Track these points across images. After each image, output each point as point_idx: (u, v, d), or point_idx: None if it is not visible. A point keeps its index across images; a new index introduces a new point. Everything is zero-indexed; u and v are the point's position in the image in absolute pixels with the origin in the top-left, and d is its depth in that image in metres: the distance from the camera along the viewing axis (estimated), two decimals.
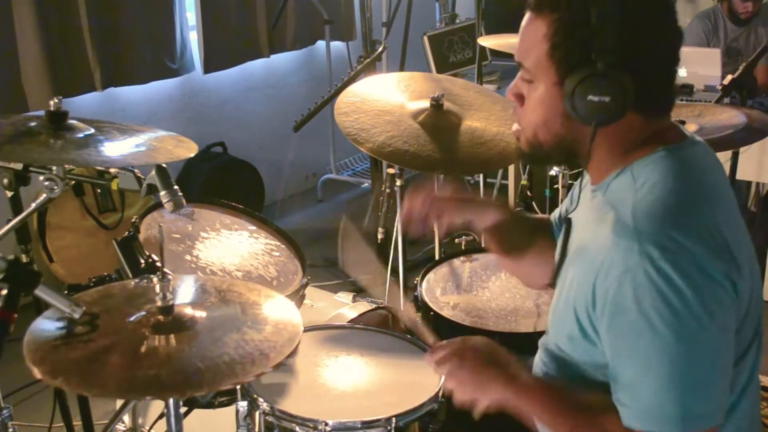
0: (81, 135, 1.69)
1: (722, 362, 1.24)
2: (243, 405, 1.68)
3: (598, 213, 1.33)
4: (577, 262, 1.35)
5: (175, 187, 1.64)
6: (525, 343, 1.98)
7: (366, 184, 5.14)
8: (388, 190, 2.61)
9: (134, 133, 1.80)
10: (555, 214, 1.68)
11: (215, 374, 1.35)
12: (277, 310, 1.59)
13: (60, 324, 1.46)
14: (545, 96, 1.32)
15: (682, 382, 1.20)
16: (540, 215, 1.82)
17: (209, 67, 4.43)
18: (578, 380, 1.39)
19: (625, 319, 1.21)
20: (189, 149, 1.78)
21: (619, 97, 1.25)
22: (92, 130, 1.72)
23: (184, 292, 1.61)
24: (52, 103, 1.69)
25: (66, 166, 1.63)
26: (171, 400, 1.51)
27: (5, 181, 1.78)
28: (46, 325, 1.47)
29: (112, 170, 1.73)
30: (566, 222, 1.49)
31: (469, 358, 1.43)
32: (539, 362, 1.52)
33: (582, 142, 1.32)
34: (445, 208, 1.62)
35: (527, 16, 1.33)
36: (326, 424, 1.57)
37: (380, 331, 1.98)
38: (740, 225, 1.32)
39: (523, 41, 1.33)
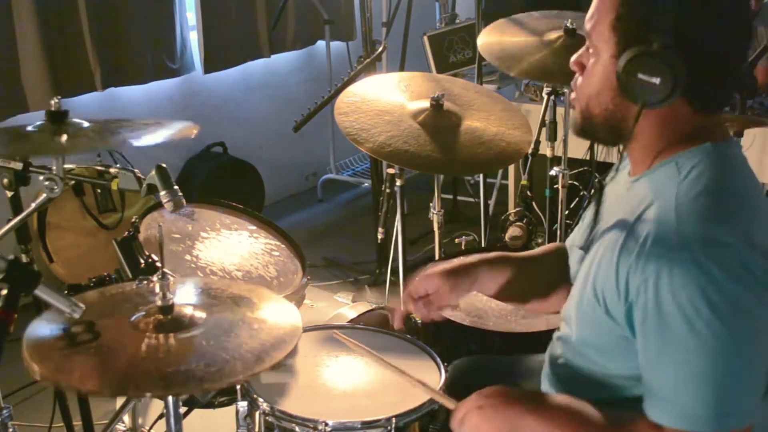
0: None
1: (757, 360, 1.22)
2: (243, 405, 1.68)
3: (635, 202, 1.31)
4: (610, 250, 1.31)
5: (175, 187, 1.64)
6: (525, 343, 1.98)
7: (366, 184, 5.14)
8: (388, 190, 2.61)
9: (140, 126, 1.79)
10: (569, 240, 1.64)
11: (219, 372, 1.36)
12: (274, 308, 1.59)
13: (60, 324, 1.47)
14: (602, 67, 1.32)
15: (717, 380, 1.18)
16: (542, 248, 1.76)
17: (209, 67, 4.42)
18: (600, 372, 1.38)
19: (661, 313, 1.19)
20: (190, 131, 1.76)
21: (668, 80, 1.23)
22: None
23: (181, 293, 1.62)
24: (52, 102, 1.69)
25: (66, 166, 1.63)
26: (171, 400, 1.51)
27: (5, 181, 1.78)
28: (46, 325, 1.47)
29: (112, 170, 1.72)
30: (600, 189, 1.47)
31: (485, 407, 1.40)
32: (556, 354, 1.51)
33: (628, 121, 1.31)
34: (440, 290, 1.57)
35: None
36: (326, 424, 1.57)
37: (380, 331, 1.98)
38: None
39: (595, 8, 1.33)
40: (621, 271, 1.25)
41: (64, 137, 1.61)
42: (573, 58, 1.39)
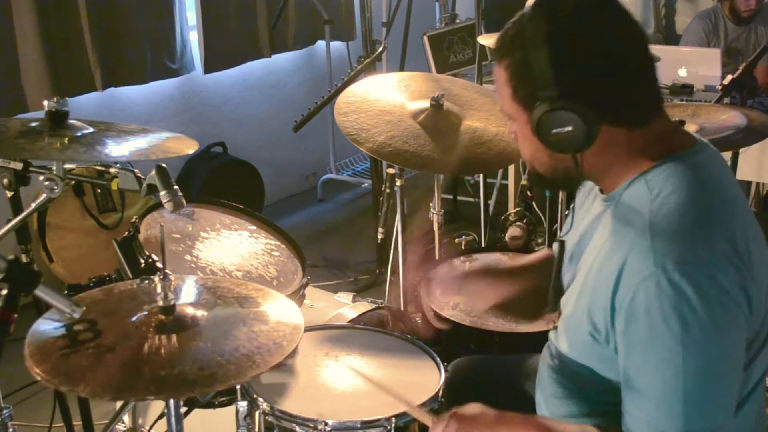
0: (80, 134, 1.69)
1: (729, 377, 1.23)
2: (243, 405, 1.68)
3: (614, 222, 1.33)
4: (594, 273, 1.34)
5: (175, 187, 1.64)
6: (525, 343, 1.98)
7: (366, 184, 5.14)
8: (388, 190, 2.61)
9: (136, 134, 1.80)
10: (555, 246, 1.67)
11: (220, 373, 1.36)
12: (276, 307, 1.60)
13: (61, 325, 1.47)
14: (525, 134, 1.36)
15: (687, 396, 1.20)
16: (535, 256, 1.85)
17: (209, 67, 4.43)
18: (588, 379, 1.39)
19: (637, 328, 1.22)
20: (189, 147, 1.78)
21: (579, 124, 1.25)
22: (92, 129, 1.72)
23: (182, 293, 1.62)
24: (53, 102, 1.69)
25: (66, 166, 1.63)
26: (172, 400, 1.51)
27: (5, 181, 1.78)
28: (48, 327, 1.47)
29: (112, 170, 1.72)
30: (560, 244, 1.51)
31: (462, 426, 1.42)
32: (548, 361, 1.52)
33: (572, 168, 1.34)
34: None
35: (494, 66, 1.37)
36: (326, 424, 1.57)
37: (380, 331, 1.98)
38: (756, 230, 1.31)
39: (496, 89, 1.39)
40: (605, 293, 1.27)
41: (65, 140, 1.62)
42: (507, 130, 1.44)
